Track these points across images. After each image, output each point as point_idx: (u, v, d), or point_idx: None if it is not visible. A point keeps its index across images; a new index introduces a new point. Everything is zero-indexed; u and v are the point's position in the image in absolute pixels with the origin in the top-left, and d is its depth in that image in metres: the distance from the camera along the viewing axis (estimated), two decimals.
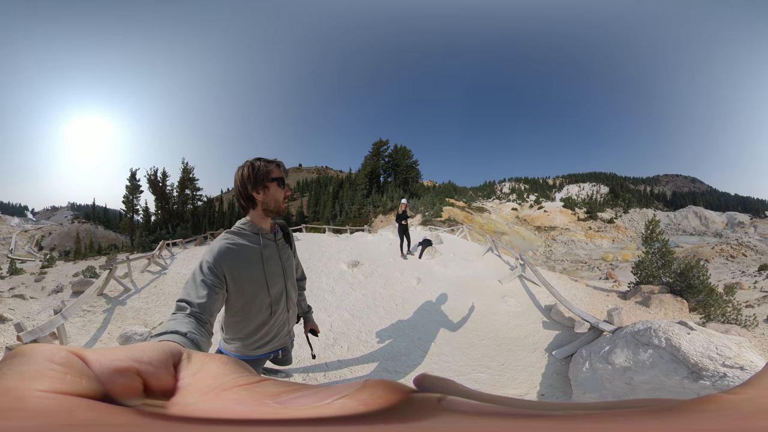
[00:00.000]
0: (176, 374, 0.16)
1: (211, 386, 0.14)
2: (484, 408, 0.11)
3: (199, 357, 0.17)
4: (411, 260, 8.35)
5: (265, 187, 1.32)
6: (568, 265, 38.79)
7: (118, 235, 63.31)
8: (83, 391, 0.12)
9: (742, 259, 34.26)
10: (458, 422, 0.10)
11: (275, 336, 1.46)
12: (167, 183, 33.71)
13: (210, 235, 19.33)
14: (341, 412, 0.11)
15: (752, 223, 62.97)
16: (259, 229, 1.37)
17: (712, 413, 0.09)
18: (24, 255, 48.89)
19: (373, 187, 52.99)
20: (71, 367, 0.12)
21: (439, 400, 0.11)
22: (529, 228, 62.17)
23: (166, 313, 5.39)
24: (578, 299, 6.29)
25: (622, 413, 0.10)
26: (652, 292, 6.48)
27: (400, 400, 0.11)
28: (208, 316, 1.04)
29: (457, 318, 4.79)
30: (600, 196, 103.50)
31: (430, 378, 0.16)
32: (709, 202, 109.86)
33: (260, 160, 1.34)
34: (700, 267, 6.53)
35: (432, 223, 30.18)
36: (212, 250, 1.22)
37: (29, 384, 0.11)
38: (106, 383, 0.13)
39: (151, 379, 0.15)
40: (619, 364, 2.60)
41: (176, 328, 0.89)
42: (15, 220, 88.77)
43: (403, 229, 8.74)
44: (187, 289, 1.10)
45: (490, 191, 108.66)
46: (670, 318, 5.52)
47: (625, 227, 70.35)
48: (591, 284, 8.46)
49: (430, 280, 6.76)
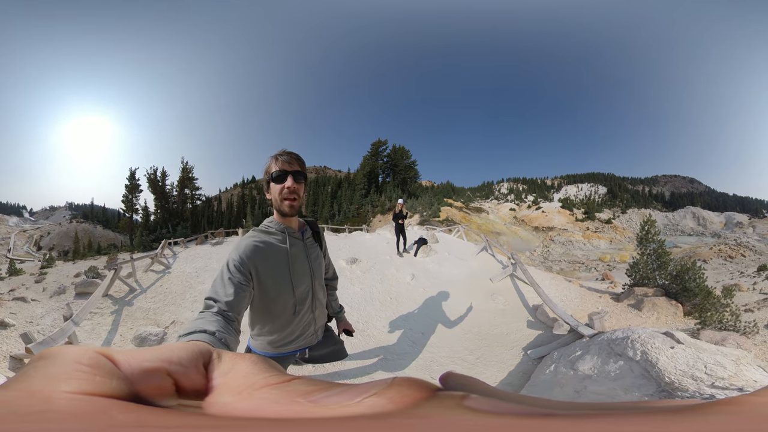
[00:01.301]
0: (207, 374, 0.16)
1: (243, 386, 0.14)
2: (506, 407, 0.11)
3: (229, 356, 0.17)
4: (407, 258, 8.56)
5: (268, 186, 1.27)
6: (565, 266, 38.93)
7: (117, 234, 63.25)
8: (113, 392, 0.12)
9: (740, 260, 34.29)
10: (478, 420, 0.10)
11: (300, 336, 1.43)
12: (167, 182, 33.78)
13: (210, 234, 19.42)
14: (371, 411, 0.11)
15: (751, 223, 63.30)
16: (285, 227, 1.32)
17: (734, 415, 0.09)
18: (23, 255, 48.82)
19: (372, 187, 53.10)
20: (100, 368, 0.12)
21: (462, 398, 0.11)
22: (527, 228, 62.36)
23: (176, 311, 5.39)
24: (569, 300, 6.31)
25: (644, 413, 0.09)
26: (645, 294, 6.32)
27: (425, 397, 0.11)
28: (236, 314, 1.03)
29: (446, 312, 4.97)
30: (598, 197, 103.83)
31: (455, 376, 0.16)
32: (707, 202, 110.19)
33: (272, 156, 1.26)
34: (696, 269, 6.31)
35: (430, 223, 30.31)
36: (239, 248, 1.20)
37: (56, 386, 0.11)
38: (137, 384, 0.13)
39: (181, 379, 0.15)
40: (583, 371, 2.48)
41: (204, 327, 0.89)
42: (13, 220, 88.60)
43: (399, 228, 8.94)
44: (214, 287, 1.09)
45: (488, 192, 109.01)
46: (663, 323, 5.49)
47: (623, 228, 70.59)
48: (586, 285, 8.51)
49: (423, 276, 6.94)
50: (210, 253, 10.82)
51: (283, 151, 1.25)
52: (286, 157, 1.23)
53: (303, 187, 1.27)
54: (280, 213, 1.29)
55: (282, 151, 1.25)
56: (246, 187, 79.63)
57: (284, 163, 1.22)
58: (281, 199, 1.23)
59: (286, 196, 1.23)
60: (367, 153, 56.14)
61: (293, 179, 1.21)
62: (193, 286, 6.63)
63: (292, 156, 1.24)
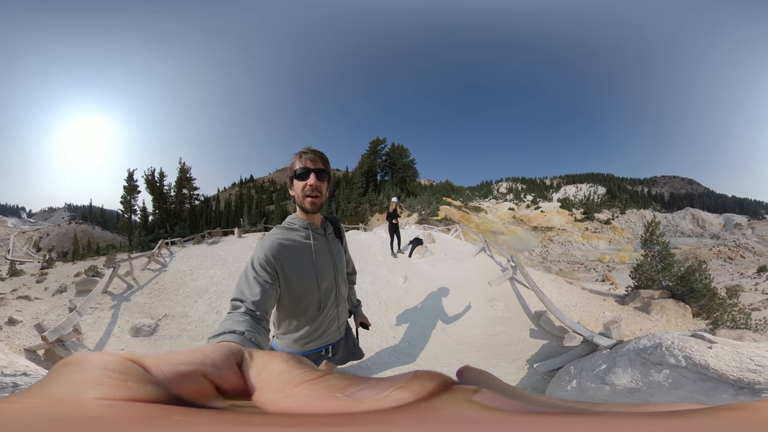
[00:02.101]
0: (241, 374, 0.16)
1: (282, 383, 0.14)
2: (513, 404, 0.11)
3: (260, 355, 0.17)
4: (401, 259, 8.31)
5: (292, 183, 1.27)
6: (564, 266, 38.78)
7: (115, 235, 63.28)
8: (151, 397, 0.11)
9: (740, 261, 34.26)
10: (482, 415, 0.10)
11: (324, 332, 1.42)
12: (164, 183, 33.87)
13: (207, 234, 19.37)
14: (398, 403, 0.11)
15: (750, 224, 63.30)
16: (308, 224, 1.33)
17: (741, 420, 0.09)
18: (22, 256, 48.85)
19: (370, 186, 53.14)
20: (130, 374, 0.12)
21: (473, 393, 0.11)
22: (525, 228, 62.38)
23: (168, 306, 5.56)
24: (573, 304, 6.03)
25: (657, 414, 0.10)
26: (652, 297, 6.09)
27: (443, 391, 0.12)
28: (263, 313, 1.03)
29: (439, 319, 4.65)
30: (597, 197, 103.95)
31: (471, 370, 0.16)
32: (706, 203, 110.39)
33: (296, 153, 1.26)
34: (702, 270, 6.16)
35: (428, 222, 30.29)
36: (263, 246, 1.20)
37: (83, 392, 0.10)
38: (174, 388, 0.13)
39: (218, 380, 0.15)
40: (623, 384, 2.31)
41: (233, 327, 0.89)
42: (12, 221, 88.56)
43: (393, 228, 8.71)
44: (240, 287, 1.09)
45: (487, 191, 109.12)
46: (673, 325, 5.31)
47: (622, 228, 70.62)
48: (587, 287, 8.28)
49: (417, 279, 6.67)
50: (205, 253, 10.85)
51: (307, 148, 1.25)
52: (310, 155, 1.23)
53: (326, 185, 1.27)
54: (302, 210, 1.30)
55: (306, 149, 1.25)
56: (244, 187, 79.57)
57: (308, 161, 1.22)
58: (303, 196, 1.24)
59: (309, 194, 1.23)
60: (366, 151, 56.22)
61: (316, 177, 1.22)
62: (187, 284, 6.81)
63: (316, 154, 1.24)
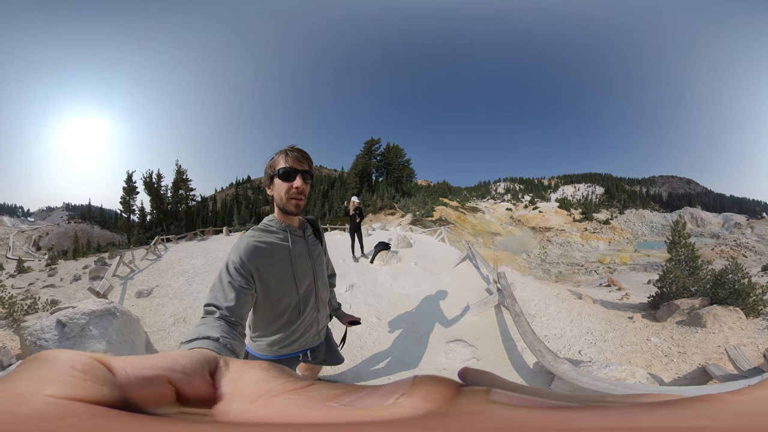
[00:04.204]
0: (213, 382, 0.15)
1: (259, 392, 0.13)
2: (531, 401, 0.11)
3: (236, 364, 0.16)
4: (362, 264, 7.53)
5: (272, 182, 1.20)
6: (564, 269, 37.84)
7: (114, 234, 63.52)
8: (102, 398, 0.11)
9: (742, 260, 34.28)
10: (510, 414, 0.09)
11: (301, 336, 1.38)
12: (162, 184, 34.65)
13: (200, 233, 19.83)
14: (414, 410, 0.10)
15: (749, 224, 63.21)
16: (286, 225, 1.27)
17: (707, 411, 0.09)
18: (22, 255, 49.07)
19: (364, 186, 53.14)
20: (93, 373, 0.12)
21: (486, 393, 0.11)
22: (523, 229, 62.44)
23: (160, 281, 7.01)
24: (599, 336, 4.36)
25: (651, 404, 0.09)
26: (693, 306, 5.35)
27: (453, 394, 0.11)
28: (239, 318, 0.98)
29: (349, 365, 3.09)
30: (595, 197, 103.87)
31: (473, 371, 0.16)
32: (704, 203, 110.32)
33: (281, 151, 1.19)
34: (740, 268, 5.55)
35: (422, 223, 30.34)
36: (239, 249, 1.13)
37: (41, 389, 0.10)
38: (131, 392, 0.12)
39: (184, 387, 0.14)
40: None
41: (207, 333, 0.85)
42: (9, 220, 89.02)
43: (354, 229, 8.01)
44: (213, 292, 1.03)
45: (485, 191, 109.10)
46: (739, 332, 4.54)
47: (621, 228, 70.69)
48: (599, 299, 7.46)
49: (363, 292, 5.54)
50: (194, 247, 12.79)
51: (292, 147, 1.18)
52: (297, 154, 1.16)
53: (309, 186, 1.22)
54: (284, 211, 1.23)
55: (291, 147, 1.18)
56: (240, 187, 79.85)
57: (294, 161, 1.15)
58: (288, 198, 1.17)
59: (294, 196, 1.17)
60: (360, 152, 56.17)
61: (302, 179, 1.16)
62: (174, 267, 8.54)
63: (302, 153, 1.18)
